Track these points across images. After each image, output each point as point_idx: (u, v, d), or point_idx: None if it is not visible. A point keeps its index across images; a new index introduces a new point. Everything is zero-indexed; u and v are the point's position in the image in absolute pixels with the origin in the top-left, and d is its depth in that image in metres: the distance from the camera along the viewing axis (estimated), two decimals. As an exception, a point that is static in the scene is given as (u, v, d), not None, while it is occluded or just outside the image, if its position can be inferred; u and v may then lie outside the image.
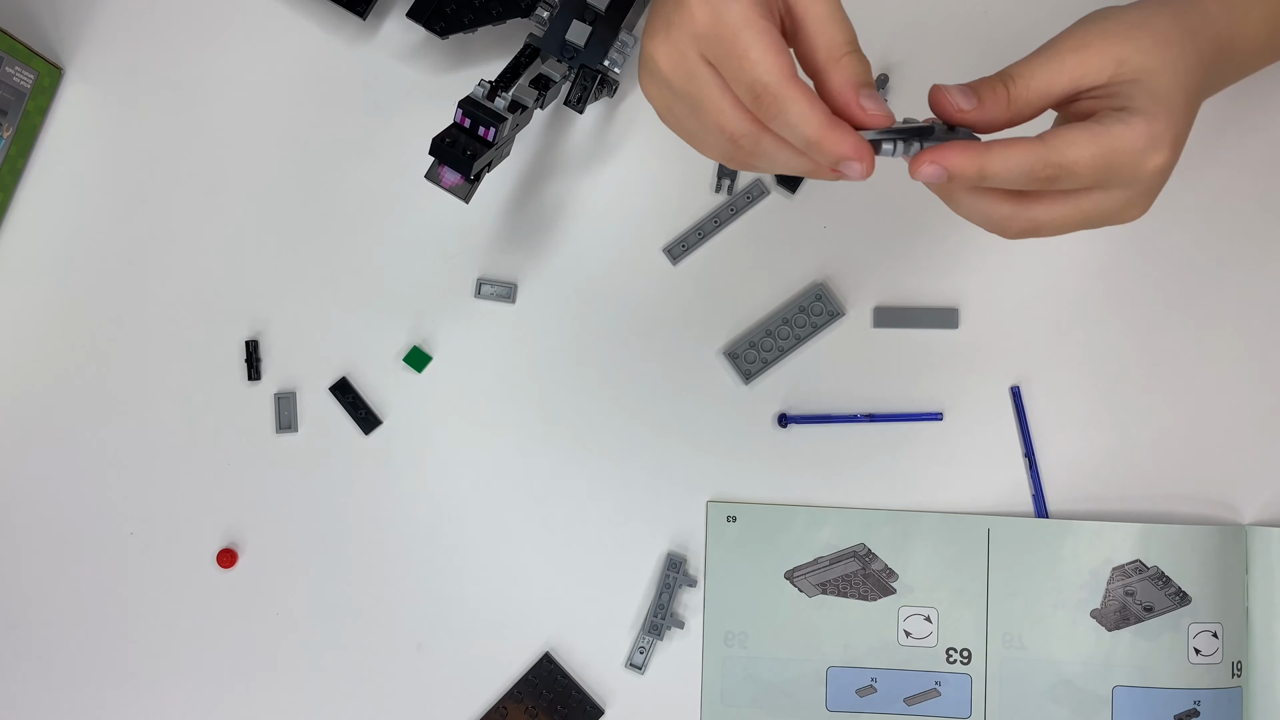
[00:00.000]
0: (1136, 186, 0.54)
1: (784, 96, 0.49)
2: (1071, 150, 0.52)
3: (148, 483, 0.79)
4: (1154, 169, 0.53)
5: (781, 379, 0.79)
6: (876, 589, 0.78)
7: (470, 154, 0.67)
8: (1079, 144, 0.52)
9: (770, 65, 0.49)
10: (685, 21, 0.50)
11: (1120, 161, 0.53)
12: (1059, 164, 0.52)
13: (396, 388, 0.79)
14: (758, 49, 0.49)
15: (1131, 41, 0.54)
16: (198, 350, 0.79)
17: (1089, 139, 0.52)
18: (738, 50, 0.49)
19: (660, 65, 0.51)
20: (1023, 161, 0.52)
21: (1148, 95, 0.54)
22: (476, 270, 0.79)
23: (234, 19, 0.80)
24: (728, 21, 0.49)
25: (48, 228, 0.79)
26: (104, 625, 0.79)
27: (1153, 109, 0.53)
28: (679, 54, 0.51)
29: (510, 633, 0.79)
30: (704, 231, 0.79)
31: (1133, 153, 0.53)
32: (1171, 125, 0.54)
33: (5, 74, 0.75)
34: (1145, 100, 0.53)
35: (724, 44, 0.50)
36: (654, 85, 0.53)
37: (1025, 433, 0.78)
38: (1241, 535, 0.77)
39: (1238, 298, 0.78)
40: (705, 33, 0.50)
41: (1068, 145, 0.52)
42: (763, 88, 0.49)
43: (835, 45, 0.51)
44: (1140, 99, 0.53)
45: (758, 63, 0.49)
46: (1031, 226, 0.55)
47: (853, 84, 0.51)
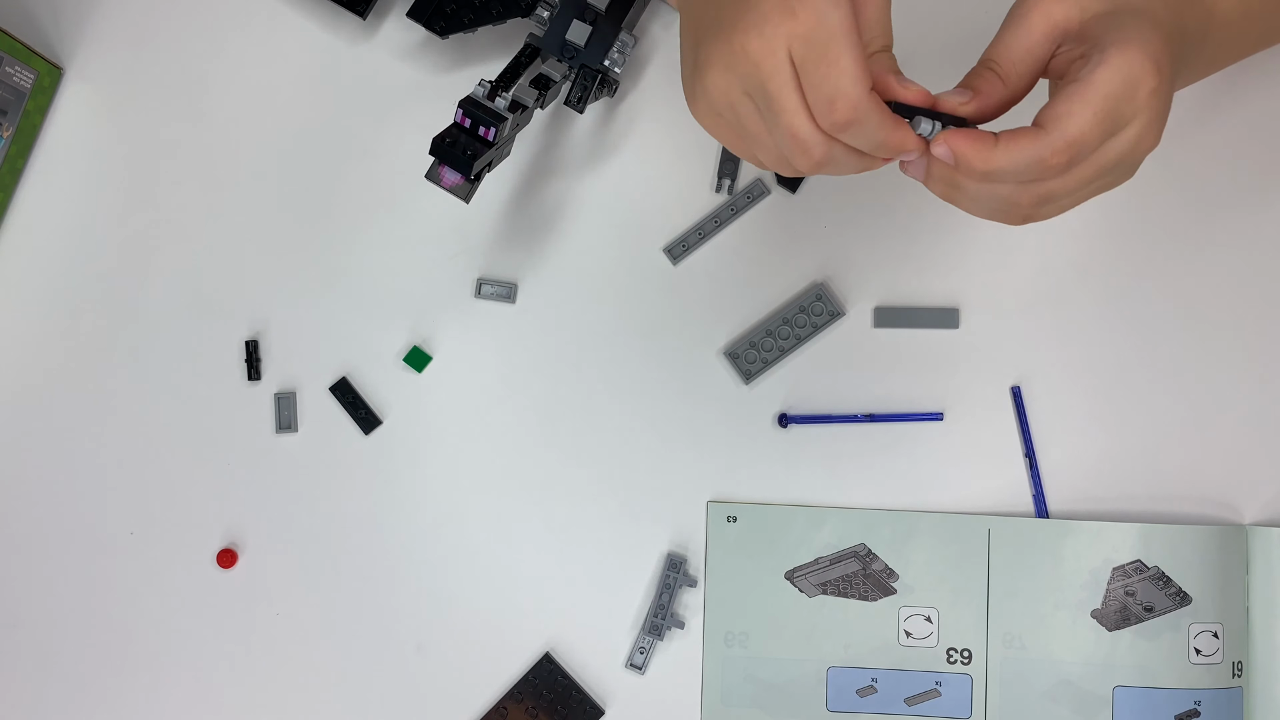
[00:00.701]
0: (1140, 117, 0.53)
1: (865, 106, 0.51)
2: (1072, 123, 0.52)
3: (148, 483, 0.79)
4: (1148, 94, 0.52)
5: (781, 379, 0.79)
6: (877, 589, 0.78)
7: (470, 154, 0.67)
8: (1074, 113, 0.52)
9: (859, 75, 0.51)
10: (784, 20, 0.51)
11: (1115, 102, 0.52)
12: (1067, 144, 0.52)
13: (396, 388, 0.79)
14: (848, 57, 0.51)
15: None
16: (198, 350, 0.79)
17: (1080, 103, 0.52)
18: (830, 56, 0.51)
19: (751, 57, 0.52)
20: (1031, 152, 0.52)
21: (1112, 28, 0.53)
22: (476, 270, 0.79)
23: (234, 19, 0.80)
24: (828, 26, 0.51)
25: (48, 228, 0.79)
26: (104, 625, 0.79)
27: (1119, 39, 0.53)
28: (770, 49, 0.51)
29: (510, 633, 0.79)
30: (704, 231, 0.79)
31: (1121, 86, 0.52)
32: (1144, 47, 0.53)
33: (5, 74, 0.75)
34: (1111, 33, 0.53)
35: (819, 48, 0.51)
36: (728, 80, 0.53)
37: (1025, 433, 0.78)
38: (1242, 535, 0.77)
39: (1238, 298, 0.78)
40: (804, 33, 0.51)
41: (1066, 120, 0.52)
42: (845, 98, 0.51)
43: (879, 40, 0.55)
44: (1107, 33, 0.53)
45: (847, 71, 0.51)
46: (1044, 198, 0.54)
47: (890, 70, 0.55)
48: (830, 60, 0.51)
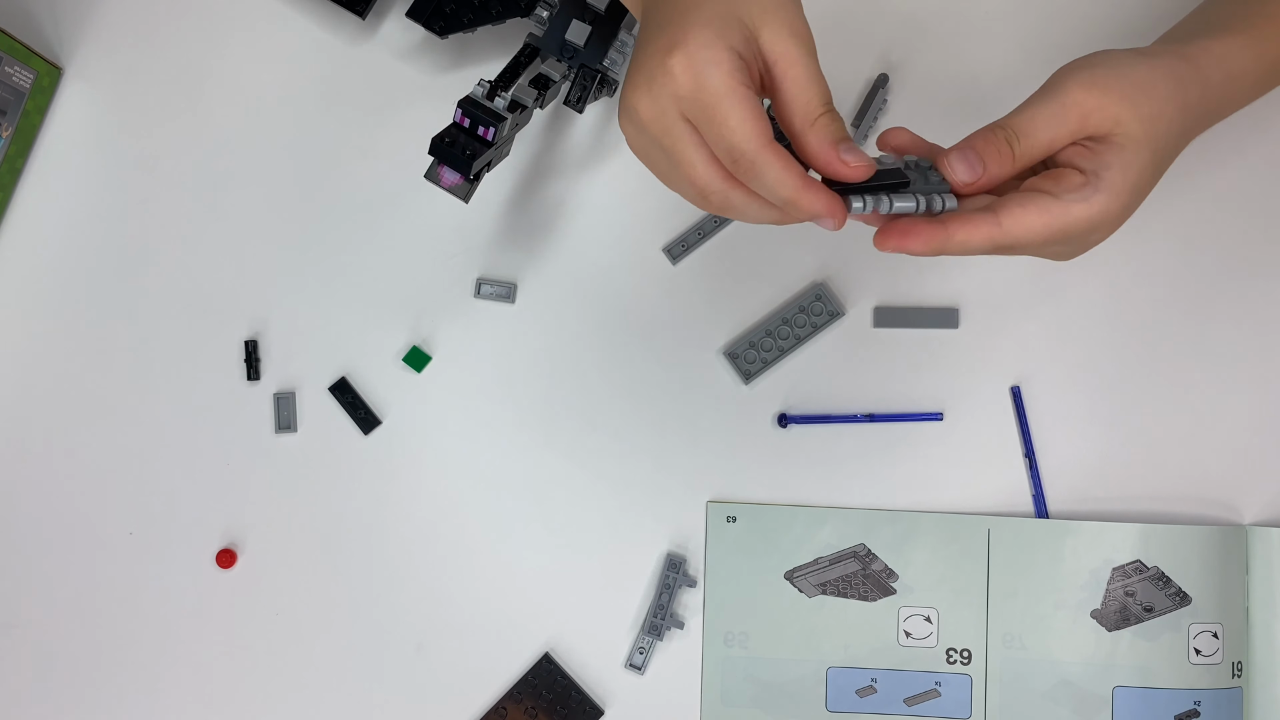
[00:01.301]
0: (1076, 246, 0.57)
1: (761, 162, 0.52)
2: (1027, 233, 0.54)
3: (148, 483, 0.79)
4: (1095, 242, 0.57)
5: (781, 379, 0.79)
6: (876, 589, 0.78)
7: (470, 154, 0.67)
8: (1035, 227, 0.54)
9: (748, 133, 0.51)
10: (667, 81, 0.52)
11: (1070, 235, 0.55)
12: (1012, 245, 0.54)
13: (396, 388, 0.79)
14: (736, 117, 0.51)
15: (1131, 107, 0.55)
16: (198, 350, 0.79)
17: (1045, 221, 0.54)
18: (718, 117, 0.51)
19: (640, 117, 0.53)
20: (981, 244, 0.54)
21: (1123, 167, 0.55)
22: (476, 270, 0.79)
23: (234, 19, 0.80)
24: (709, 88, 0.51)
25: (47, 228, 0.79)
26: (104, 625, 0.79)
27: (1120, 185, 0.55)
28: (659, 109, 0.52)
29: (510, 633, 0.79)
30: (704, 231, 0.79)
31: (1084, 229, 0.55)
32: (1128, 204, 0.56)
33: (5, 74, 0.75)
34: (1118, 173, 0.55)
35: (705, 109, 0.51)
36: (632, 130, 0.54)
37: (1025, 433, 0.78)
38: (1241, 535, 0.77)
39: (1238, 298, 0.78)
40: (686, 95, 0.52)
41: (1024, 229, 0.54)
42: (740, 154, 0.52)
43: (811, 107, 0.53)
44: (1114, 170, 0.55)
45: (736, 130, 0.51)
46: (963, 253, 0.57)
47: (831, 142, 0.53)
48: (719, 120, 0.51)
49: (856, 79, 0.78)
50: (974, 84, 0.78)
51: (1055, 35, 0.78)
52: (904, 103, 0.78)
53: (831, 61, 0.78)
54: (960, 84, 0.79)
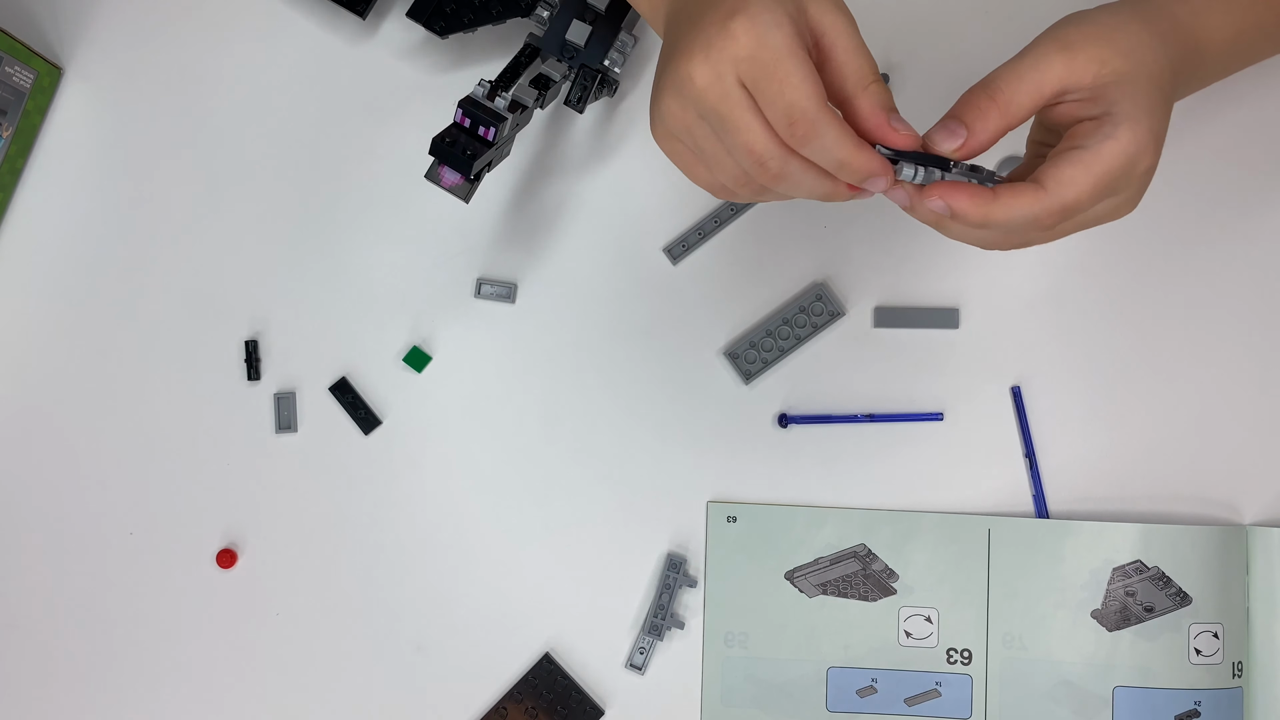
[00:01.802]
0: (1130, 189, 0.56)
1: (821, 121, 0.52)
2: (1072, 190, 0.54)
3: (148, 483, 0.79)
4: (1143, 172, 0.56)
5: (781, 379, 0.79)
6: (877, 589, 0.78)
7: (470, 154, 0.67)
8: (1077, 181, 0.54)
9: (810, 92, 0.51)
10: (727, 44, 0.52)
11: (1115, 177, 0.55)
12: (1063, 208, 0.54)
13: (396, 388, 0.79)
14: (798, 75, 0.51)
15: (1110, 44, 0.56)
16: (198, 350, 0.79)
17: (1085, 172, 0.54)
18: (780, 74, 0.51)
19: (697, 84, 0.53)
20: (1028, 211, 0.54)
21: (1128, 98, 0.55)
22: (476, 270, 0.79)
23: (234, 19, 0.80)
24: (772, 46, 0.51)
25: (47, 228, 0.79)
26: (104, 625, 0.79)
27: (1134, 113, 0.55)
28: (716, 74, 0.52)
29: (510, 633, 0.79)
30: (704, 231, 0.79)
31: (1125, 164, 0.54)
32: (1152, 127, 0.55)
33: (5, 74, 0.75)
34: (1127, 104, 0.55)
35: (767, 68, 0.51)
36: (678, 105, 0.54)
37: (1025, 433, 0.78)
38: (1242, 535, 0.77)
39: (1238, 298, 0.78)
40: (748, 55, 0.52)
41: (1068, 185, 0.54)
42: (800, 112, 0.52)
43: (864, 74, 0.54)
44: (1122, 103, 0.55)
45: (798, 88, 0.51)
46: (1024, 241, 0.56)
47: (883, 108, 0.54)
48: (780, 78, 0.51)
49: (856, 79, 0.78)
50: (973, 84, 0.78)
51: (1055, 35, 0.78)
52: (904, 103, 0.78)
53: (832, 61, 0.79)
54: (960, 84, 0.78)
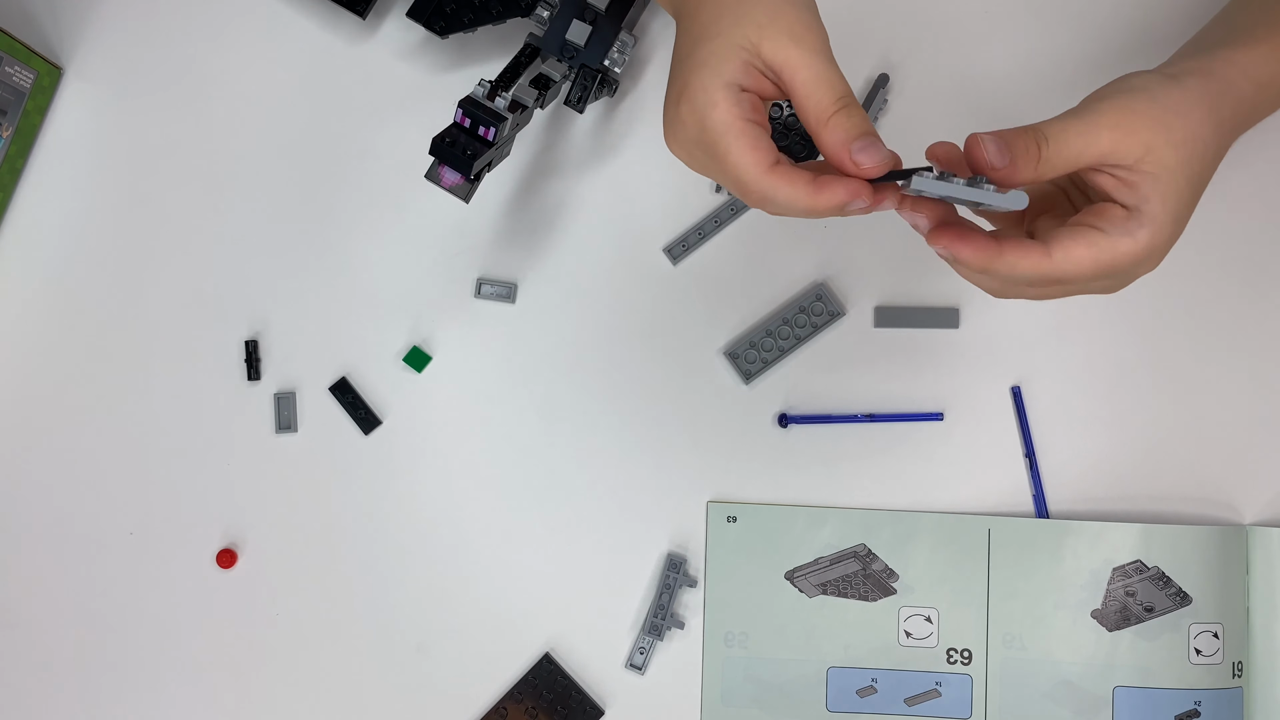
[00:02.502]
0: (1129, 279, 0.57)
1: (766, 189, 0.54)
2: (1076, 267, 0.54)
3: (148, 483, 0.79)
4: (1140, 274, 0.57)
5: (781, 379, 0.79)
6: (877, 589, 0.78)
7: (470, 154, 0.67)
8: (1084, 261, 0.54)
9: (747, 164, 0.54)
10: (679, 129, 0.56)
11: (1119, 269, 0.55)
12: (1060, 278, 0.55)
13: (396, 388, 0.79)
14: (735, 152, 0.54)
15: (1165, 132, 0.55)
16: (198, 350, 0.79)
17: (1093, 255, 0.54)
18: (719, 153, 0.54)
19: (678, 156, 0.57)
20: (1028, 272, 0.55)
21: (1161, 198, 0.55)
22: (476, 270, 0.79)
23: (234, 19, 0.80)
24: (709, 128, 0.54)
25: (48, 228, 0.79)
26: (104, 625, 0.79)
27: (1162, 217, 0.55)
28: (685, 152, 0.57)
29: (510, 633, 0.79)
30: (704, 231, 0.79)
31: (1131, 263, 0.55)
32: (1172, 235, 0.56)
33: (5, 74, 0.75)
34: (1158, 205, 0.55)
35: (709, 149, 0.55)
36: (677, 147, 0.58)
37: (1025, 433, 0.78)
38: (1242, 535, 0.77)
39: (1238, 298, 0.78)
40: (694, 138, 0.55)
41: (1073, 262, 0.54)
42: (745, 185, 0.54)
43: (822, 107, 0.54)
44: (1154, 202, 0.55)
45: (736, 164, 0.54)
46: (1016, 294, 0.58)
47: (844, 142, 0.54)
48: (720, 156, 0.54)
49: (856, 79, 0.78)
50: (974, 84, 0.78)
51: (1056, 35, 0.78)
52: (904, 103, 0.78)
53: (832, 61, 0.79)
54: (960, 84, 0.79)
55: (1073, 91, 0.78)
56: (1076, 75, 0.78)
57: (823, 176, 0.54)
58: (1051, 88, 0.78)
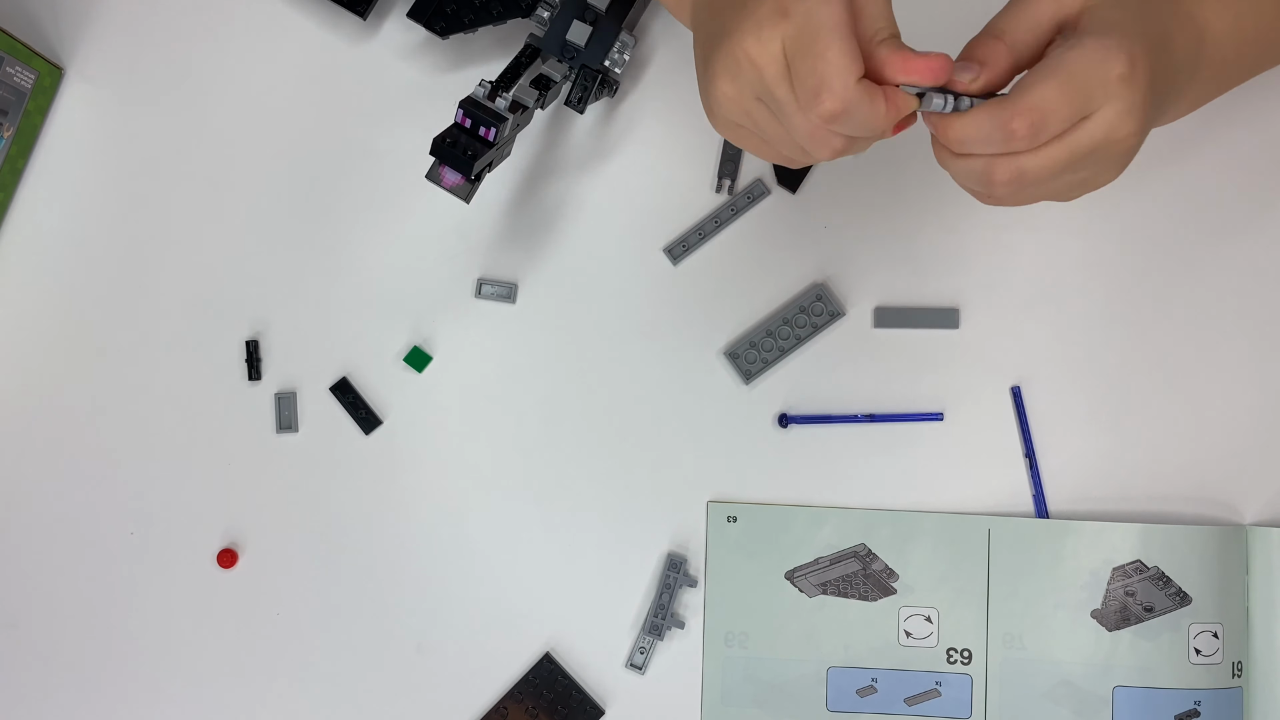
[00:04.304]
0: (1111, 104, 0.53)
1: (853, 98, 0.52)
2: (1034, 91, 0.52)
3: (148, 483, 0.79)
4: (1117, 77, 0.53)
5: (781, 379, 0.79)
6: (877, 589, 0.78)
7: (471, 154, 0.67)
8: (1035, 83, 0.52)
9: (845, 66, 0.51)
10: (778, 20, 0.52)
11: (1084, 82, 0.53)
12: (1027, 107, 0.52)
13: (396, 388, 0.79)
14: (836, 49, 0.51)
15: None
16: (198, 350, 0.79)
17: (1043, 74, 0.53)
18: (817, 48, 0.51)
19: (753, 60, 0.53)
20: (987, 118, 0.53)
21: (1099, 20, 0.54)
22: (476, 270, 0.79)
23: (234, 19, 0.80)
24: (816, 19, 0.52)
25: (48, 228, 0.80)
26: (104, 625, 0.79)
27: (1099, 28, 0.54)
28: (769, 52, 0.53)
29: (510, 633, 0.79)
30: (704, 231, 0.79)
31: (1091, 68, 0.53)
32: (1120, 39, 0.53)
33: (5, 74, 0.75)
34: (1096, 24, 0.54)
35: (805, 41, 0.52)
36: (737, 88, 0.54)
37: (1025, 433, 0.78)
38: (1241, 535, 0.77)
39: (1238, 297, 0.78)
40: (794, 31, 0.52)
41: (1028, 88, 0.53)
42: (829, 88, 0.52)
43: (881, 29, 0.54)
44: (1092, 25, 0.54)
45: (832, 62, 0.51)
46: (1017, 174, 0.54)
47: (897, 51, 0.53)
48: (817, 53, 0.51)
49: (856, 79, 0.78)
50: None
51: (1055, 36, 0.78)
52: (904, 103, 0.78)
53: (832, 62, 0.79)
54: (960, 84, 0.79)
55: (1072, 92, 0.78)
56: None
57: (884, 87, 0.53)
58: (1051, 88, 0.78)
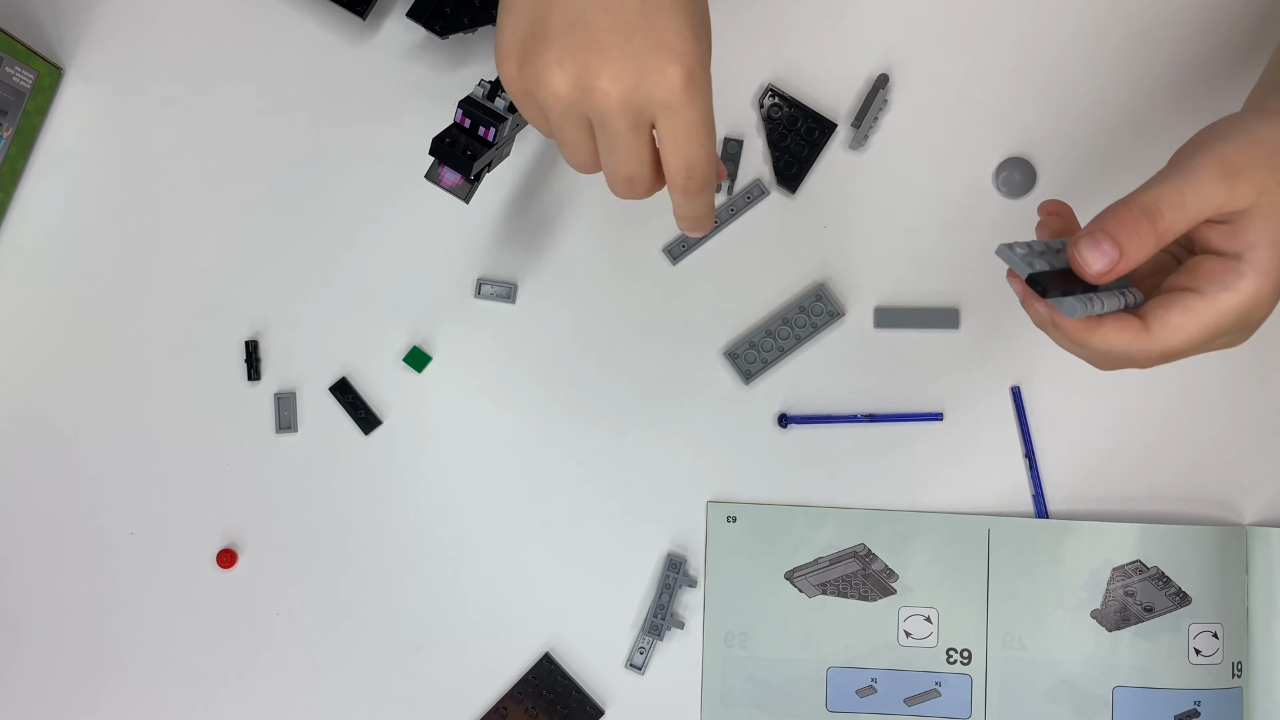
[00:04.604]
0: (1238, 336, 0.54)
1: (711, 182, 0.57)
2: (1177, 338, 0.52)
3: (148, 483, 0.79)
4: (1257, 321, 0.53)
5: (781, 379, 0.79)
6: (876, 589, 0.78)
7: (470, 154, 0.67)
8: (1184, 330, 0.51)
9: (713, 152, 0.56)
10: (657, 85, 0.54)
11: (1225, 328, 0.52)
12: (1163, 354, 0.52)
13: (396, 388, 0.79)
14: (712, 141, 0.56)
15: (1274, 172, 0.52)
16: (198, 350, 0.79)
17: (1194, 321, 0.51)
18: (701, 136, 0.55)
19: (603, 96, 0.55)
20: (1126, 349, 0.52)
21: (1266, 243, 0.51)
22: (476, 270, 0.79)
23: (234, 19, 0.80)
24: (702, 108, 0.54)
25: (48, 228, 0.80)
26: (104, 625, 0.79)
27: (1267, 262, 0.51)
28: (630, 106, 0.55)
29: (510, 633, 0.79)
30: (704, 231, 0.79)
31: (1239, 316, 0.52)
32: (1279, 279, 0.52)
33: (5, 74, 0.75)
34: (1263, 252, 0.51)
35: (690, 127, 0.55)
36: (568, 89, 0.56)
37: (1025, 433, 0.78)
38: (1241, 535, 0.77)
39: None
40: (671, 105, 0.54)
41: (1173, 333, 0.51)
42: (703, 169, 0.56)
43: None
44: (1259, 250, 0.51)
45: (710, 148, 0.56)
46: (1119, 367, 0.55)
47: None
48: (701, 140, 0.53)
49: (856, 79, 0.78)
50: (974, 84, 0.78)
51: (1055, 35, 0.78)
52: (904, 103, 0.79)
53: (832, 61, 0.79)
54: (960, 84, 0.79)
55: (1072, 91, 0.78)
56: (1076, 75, 0.78)
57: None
58: (1051, 86, 0.78)
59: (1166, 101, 0.78)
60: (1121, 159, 0.78)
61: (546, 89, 0.53)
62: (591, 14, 0.52)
